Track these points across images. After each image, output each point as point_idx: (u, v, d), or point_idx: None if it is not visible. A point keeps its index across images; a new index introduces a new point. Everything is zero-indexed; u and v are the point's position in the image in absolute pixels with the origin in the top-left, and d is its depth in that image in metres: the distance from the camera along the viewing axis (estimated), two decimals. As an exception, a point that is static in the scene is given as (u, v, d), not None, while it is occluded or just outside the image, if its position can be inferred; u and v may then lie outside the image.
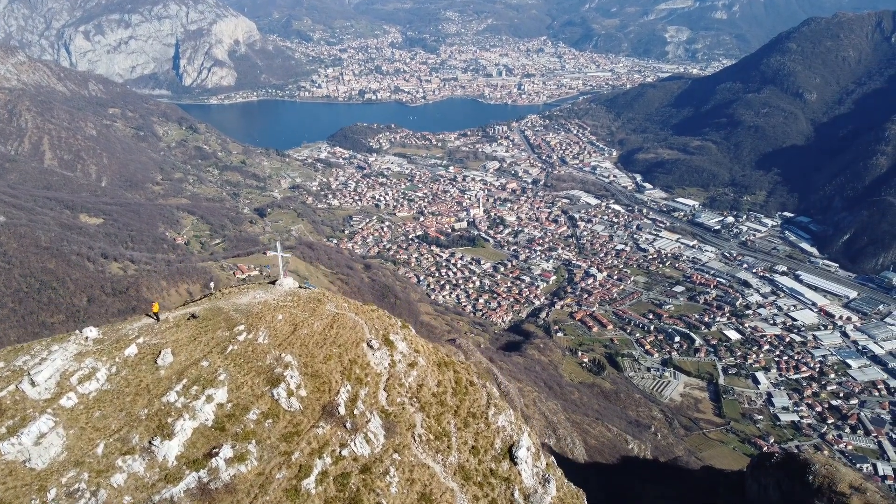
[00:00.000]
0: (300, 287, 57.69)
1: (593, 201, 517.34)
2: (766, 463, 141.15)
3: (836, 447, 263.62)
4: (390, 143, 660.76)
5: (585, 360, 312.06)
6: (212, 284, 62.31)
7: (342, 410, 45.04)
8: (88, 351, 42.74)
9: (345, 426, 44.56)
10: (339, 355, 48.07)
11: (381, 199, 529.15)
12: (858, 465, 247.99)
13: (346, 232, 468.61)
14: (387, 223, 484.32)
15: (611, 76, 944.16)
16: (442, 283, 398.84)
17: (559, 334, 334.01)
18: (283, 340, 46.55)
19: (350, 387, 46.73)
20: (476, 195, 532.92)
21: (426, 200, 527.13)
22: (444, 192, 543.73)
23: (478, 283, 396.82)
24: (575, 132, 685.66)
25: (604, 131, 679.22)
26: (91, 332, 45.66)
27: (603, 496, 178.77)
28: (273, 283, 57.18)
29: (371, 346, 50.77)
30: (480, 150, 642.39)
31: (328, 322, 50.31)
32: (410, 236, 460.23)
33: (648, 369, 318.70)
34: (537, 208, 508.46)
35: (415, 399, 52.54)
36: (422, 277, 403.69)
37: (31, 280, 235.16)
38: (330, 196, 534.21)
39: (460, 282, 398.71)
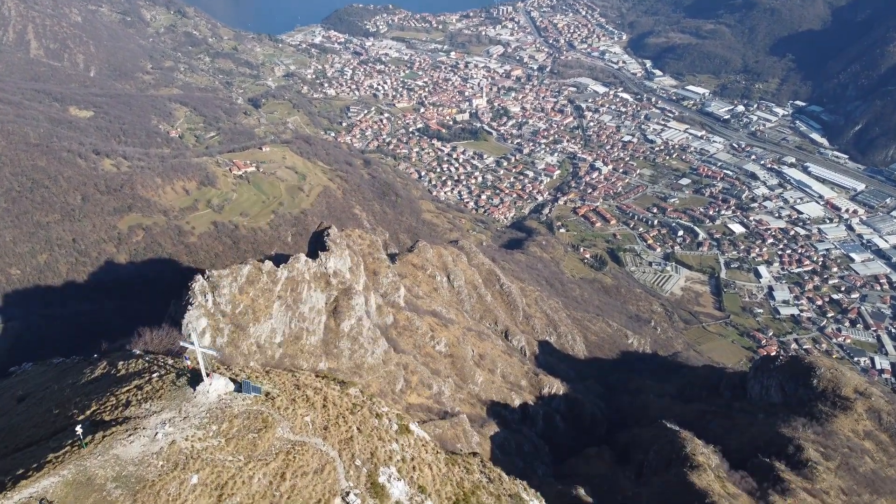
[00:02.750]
0: (236, 390, 38.17)
1: (601, 89, 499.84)
2: (771, 365, 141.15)
3: (834, 341, 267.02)
4: (388, 26, 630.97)
5: (587, 255, 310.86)
6: (78, 429, 31.78)
7: None
8: None
9: None
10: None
11: (380, 88, 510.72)
12: (856, 359, 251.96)
13: (344, 124, 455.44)
14: (386, 115, 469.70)
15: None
16: (444, 178, 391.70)
17: (562, 230, 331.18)
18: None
19: None
20: (479, 84, 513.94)
21: (426, 90, 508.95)
22: (445, 81, 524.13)
23: (480, 179, 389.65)
24: (583, 13, 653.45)
25: (613, 13, 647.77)
26: None
27: (602, 390, 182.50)
28: (193, 384, 37.83)
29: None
30: (483, 33, 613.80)
31: (278, 468, 33.15)
32: (411, 129, 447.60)
33: (650, 264, 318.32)
34: (543, 97, 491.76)
35: None
36: (423, 173, 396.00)
37: (22, 179, 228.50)
38: (326, 85, 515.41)
39: (462, 177, 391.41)
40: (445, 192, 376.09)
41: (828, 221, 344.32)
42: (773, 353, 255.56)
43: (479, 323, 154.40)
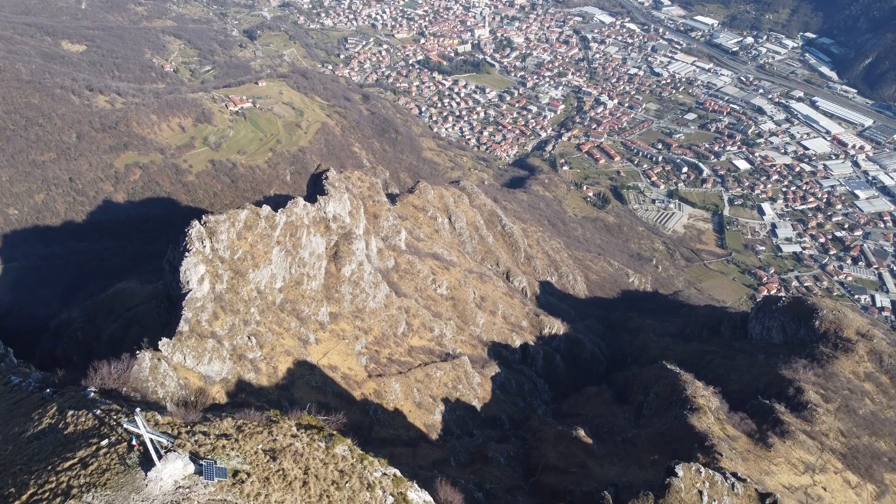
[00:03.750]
0: (196, 472, 31.27)
1: (607, 19, 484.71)
2: (773, 306, 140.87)
3: (836, 278, 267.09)
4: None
5: (590, 193, 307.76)
6: None
7: None
8: None
9: None
10: None
11: (378, 17, 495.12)
12: (857, 297, 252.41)
13: (342, 56, 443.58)
14: (385, 46, 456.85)
15: None
16: (445, 114, 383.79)
17: (565, 168, 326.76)
18: None
19: None
20: (481, 13, 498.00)
21: (427, 19, 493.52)
22: (446, 10, 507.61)
23: (482, 114, 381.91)
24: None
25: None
26: None
27: (602, 329, 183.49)
28: (145, 465, 31.05)
29: None
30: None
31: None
32: (410, 61, 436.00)
33: (653, 201, 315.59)
34: (547, 27, 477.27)
35: None
36: (423, 108, 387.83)
37: (16, 117, 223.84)
38: (323, 14, 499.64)
39: (464, 113, 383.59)
40: (446, 129, 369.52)
41: (834, 158, 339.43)
42: (774, 292, 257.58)
43: (481, 265, 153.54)
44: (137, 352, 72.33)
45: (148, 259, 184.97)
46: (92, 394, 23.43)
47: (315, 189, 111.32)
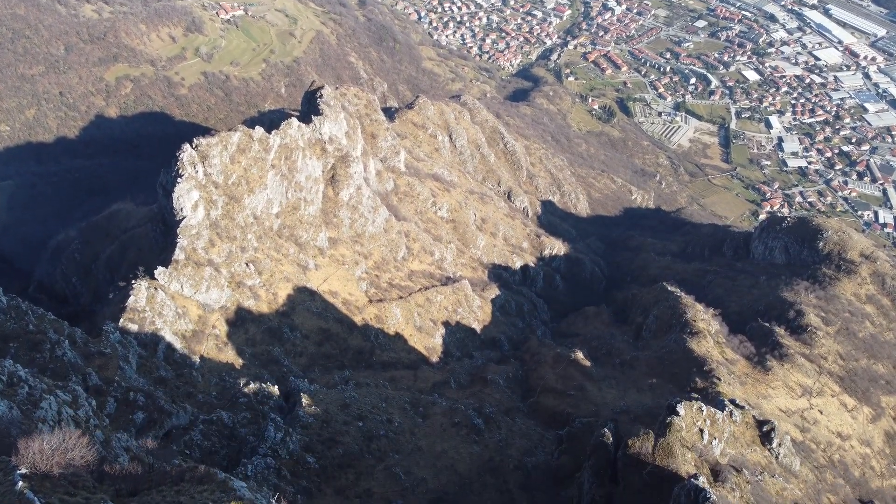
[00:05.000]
0: None
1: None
2: (777, 226, 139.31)
3: (840, 194, 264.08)
4: None
5: (595, 106, 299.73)
6: None
7: None
8: None
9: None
10: None
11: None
12: (860, 213, 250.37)
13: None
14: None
15: None
16: (445, 19, 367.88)
17: (570, 78, 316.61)
18: None
19: None
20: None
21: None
22: None
23: (484, 20, 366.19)
24: None
25: None
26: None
27: (603, 248, 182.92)
28: None
29: None
30: None
31: None
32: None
33: (660, 114, 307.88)
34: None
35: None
36: (423, 14, 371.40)
37: (2, 29, 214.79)
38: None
39: (465, 18, 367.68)
40: (447, 35, 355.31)
41: (845, 69, 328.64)
42: (777, 207, 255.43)
43: (482, 184, 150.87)
44: (133, 281, 71.53)
45: (144, 176, 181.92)
46: (21, 477, 15.48)
47: (310, 108, 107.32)
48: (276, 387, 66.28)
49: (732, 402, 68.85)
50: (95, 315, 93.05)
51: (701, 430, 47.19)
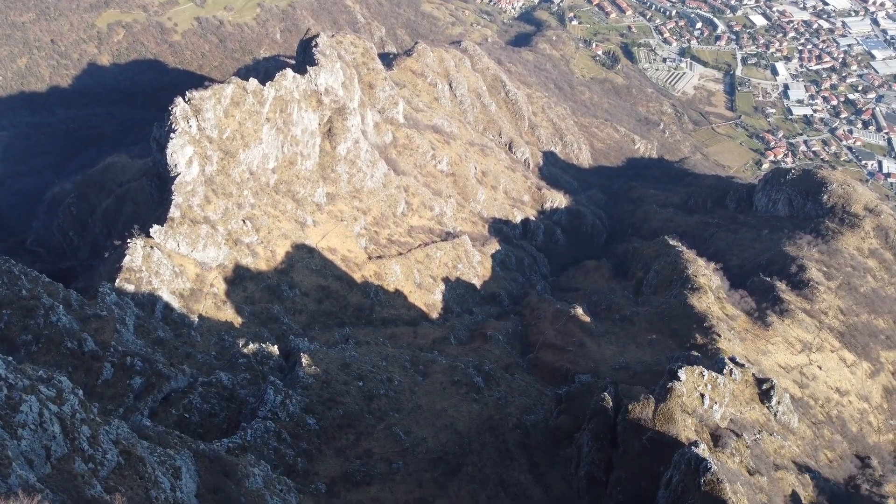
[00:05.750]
0: None
1: None
2: (782, 178, 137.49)
3: (844, 143, 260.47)
4: None
5: (599, 52, 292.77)
6: None
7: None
8: None
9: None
10: None
11: None
12: (864, 162, 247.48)
13: None
14: None
15: None
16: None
17: (574, 22, 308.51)
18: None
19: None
20: None
21: None
22: None
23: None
24: None
25: None
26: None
27: (605, 200, 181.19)
28: None
29: None
30: None
31: None
32: None
33: (664, 60, 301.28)
34: None
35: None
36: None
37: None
38: None
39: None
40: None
41: (853, 14, 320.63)
42: (781, 156, 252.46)
43: (483, 135, 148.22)
44: (129, 240, 70.58)
45: (138, 126, 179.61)
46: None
47: (305, 58, 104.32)
48: (276, 346, 66.13)
49: (732, 359, 68.85)
50: (93, 270, 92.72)
51: (702, 395, 46.99)
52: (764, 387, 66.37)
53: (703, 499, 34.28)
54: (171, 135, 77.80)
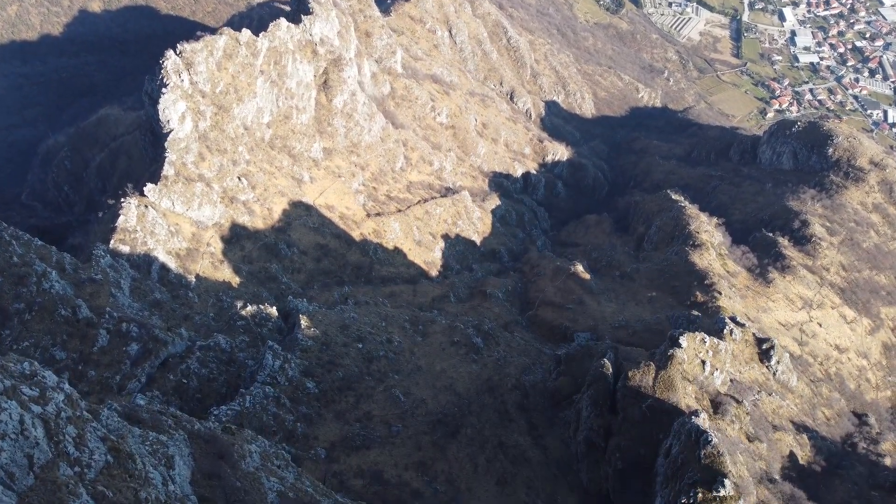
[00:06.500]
0: None
1: None
2: (787, 130, 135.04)
3: (850, 91, 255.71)
4: None
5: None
6: None
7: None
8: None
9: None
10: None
11: None
12: (869, 112, 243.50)
13: None
14: None
15: None
16: None
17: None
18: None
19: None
20: None
21: None
22: None
23: None
24: None
25: None
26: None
27: (607, 151, 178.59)
28: None
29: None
30: None
31: None
32: None
33: (670, 4, 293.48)
34: None
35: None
36: None
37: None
38: None
39: None
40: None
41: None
42: (786, 105, 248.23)
43: (483, 84, 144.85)
44: (123, 199, 69.37)
45: (131, 74, 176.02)
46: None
47: (299, 6, 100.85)
48: (275, 308, 65.63)
49: (733, 319, 68.62)
50: (89, 225, 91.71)
51: (703, 362, 46.63)
52: (764, 346, 66.32)
53: (704, 471, 34.21)
54: (163, 90, 75.68)
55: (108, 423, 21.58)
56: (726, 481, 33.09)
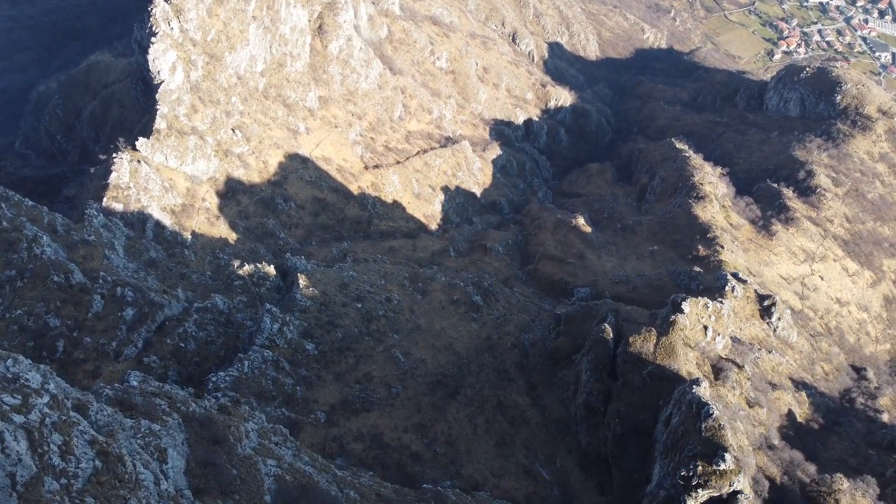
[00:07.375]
0: None
1: None
2: (795, 76, 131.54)
3: (859, 33, 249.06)
4: None
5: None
6: None
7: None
8: None
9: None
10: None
11: None
12: (878, 54, 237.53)
13: None
14: None
15: None
16: None
17: None
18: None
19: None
20: None
21: None
22: None
23: None
24: None
25: None
26: None
27: (611, 95, 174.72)
28: None
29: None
30: None
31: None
32: None
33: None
34: None
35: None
36: None
37: None
38: None
39: None
40: None
41: None
42: (794, 46, 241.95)
43: (484, 25, 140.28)
44: (115, 155, 67.70)
45: (122, 16, 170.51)
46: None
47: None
48: (272, 266, 64.80)
49: (735, 275, 68.07)
50: (84, 175, 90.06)
51: (705, 328, 46.12)
52: (765, 303, 65.94)
53: (704, 444, 34.08)
54: (153, 38, 72.89)
55: (97, 418, 21.00)
56: (727, 455, 32.98)
